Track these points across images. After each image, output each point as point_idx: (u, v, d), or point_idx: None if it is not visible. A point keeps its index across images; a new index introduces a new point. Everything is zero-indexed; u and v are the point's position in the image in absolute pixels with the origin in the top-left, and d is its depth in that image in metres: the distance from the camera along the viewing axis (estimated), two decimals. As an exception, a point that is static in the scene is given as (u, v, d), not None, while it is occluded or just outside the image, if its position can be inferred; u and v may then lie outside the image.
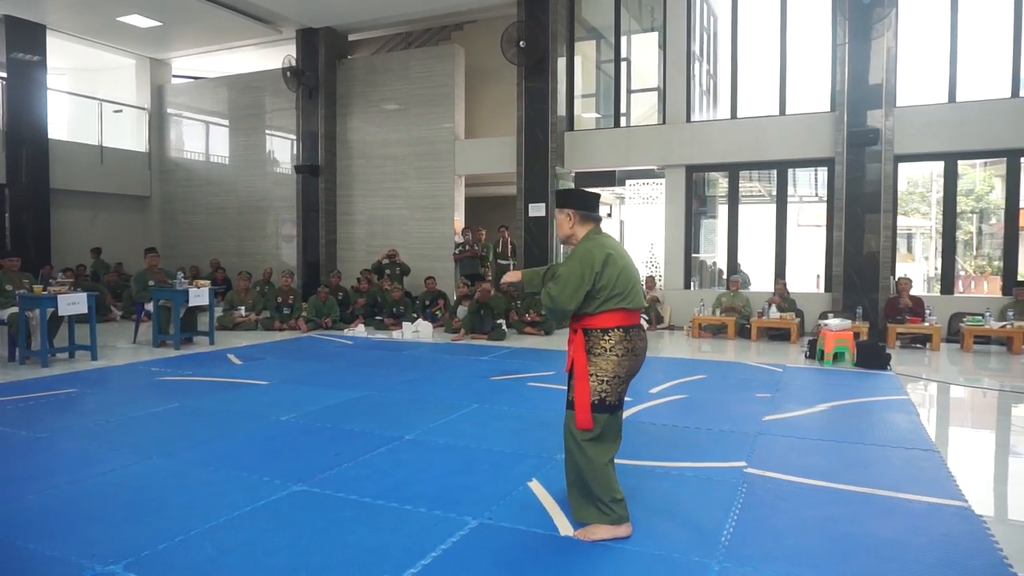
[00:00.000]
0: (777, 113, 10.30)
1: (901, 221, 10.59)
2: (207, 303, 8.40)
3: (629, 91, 12.13)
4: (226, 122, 14.34)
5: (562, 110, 11.48)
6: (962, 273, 14.69)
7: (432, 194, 12.44)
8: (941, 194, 18.49)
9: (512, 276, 3.37)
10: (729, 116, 10.66)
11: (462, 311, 10.09)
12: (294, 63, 12.69)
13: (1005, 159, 9.26)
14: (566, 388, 3.03)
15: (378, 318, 10.61)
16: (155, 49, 14.14)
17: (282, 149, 13.76)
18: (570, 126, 11.74)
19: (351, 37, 13.60)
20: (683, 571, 2.65)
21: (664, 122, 11.03)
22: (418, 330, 9.46)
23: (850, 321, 7.71)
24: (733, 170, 10.82)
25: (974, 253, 20.87)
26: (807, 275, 11.85)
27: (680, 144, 10.79)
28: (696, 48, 11.61)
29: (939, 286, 10.02)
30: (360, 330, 9.74)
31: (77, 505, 3.26)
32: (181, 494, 3.40)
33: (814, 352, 7.67)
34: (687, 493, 3.48)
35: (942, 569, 2.67)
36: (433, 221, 12.45)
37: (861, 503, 3.35)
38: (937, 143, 9.26)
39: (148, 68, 14.65)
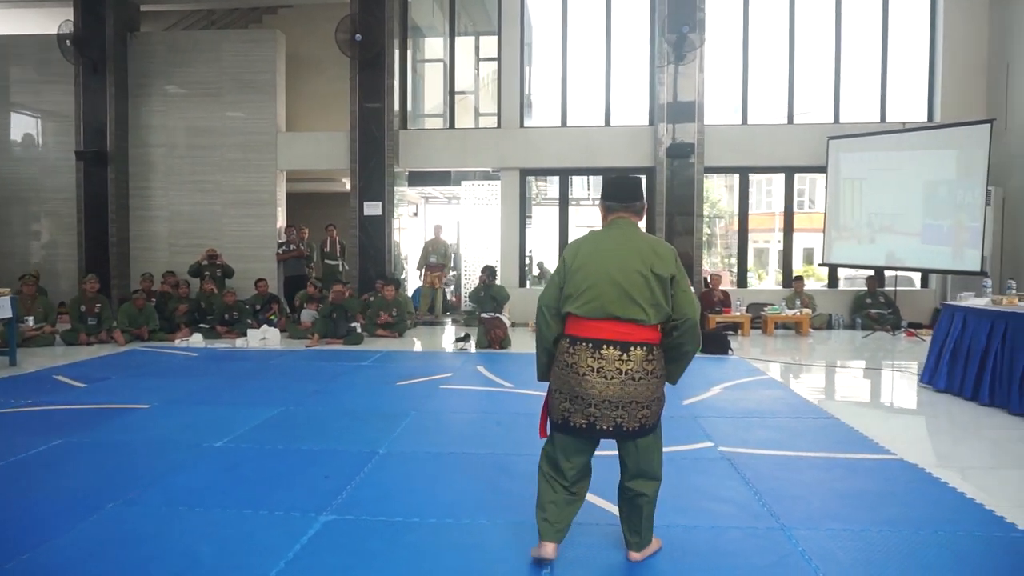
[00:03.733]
0: (603, 124, 11.23)
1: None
2: (10, 315, 6.91)
3: (453, 92, 12.30)
4: (-33, 94, 11.72)
5: (397, 107, 11.30)
6: (707, 269, 17.22)
7: (251, 189, 11.44)
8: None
9: None
10: (560, 124, 11.36)
11: (308, 314, 9.49)
12: (73, 30, 10.80)
13: (783, 174, 11.14)
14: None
15: (203, 326, 9.53)
16: None
17: (54, 131, 11.62)
18: (404, 124, 11.60)
19: (143, 7, 11.94)
20: (767, 539, 2.95)
21: (499, 126, 11.40)
22: (266, 337, 8.70)
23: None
24: (564, 175, 11.56)
25: (719, 251, 24.55)
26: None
27: (515, 148, 11.24)
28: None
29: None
30: (197, 340, 8.69)
31: (78, 570, 2.63)
32: (201, 542, 2.90)
33: (663, 341, 8.56)
34: (694, 473, 3.81)
35: (937, 509, 3.30)
36: (252, 218, 11.46)
37: (830, 466, 3.96)
38: (734, 158, 10.84)
39: None
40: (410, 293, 11.91)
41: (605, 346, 2.49)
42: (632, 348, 2.49)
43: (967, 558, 2.79)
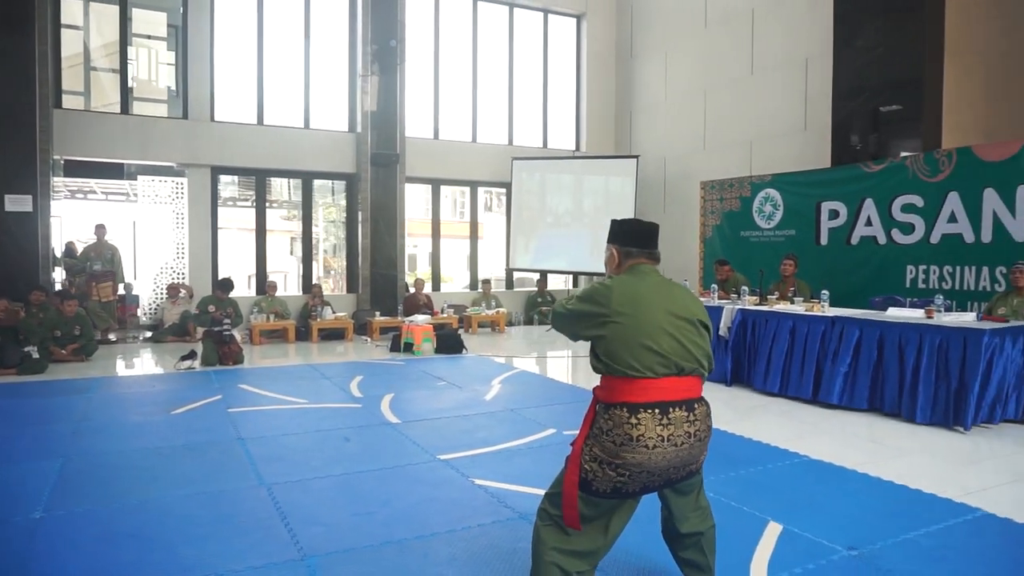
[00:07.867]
0: (303, 126, 10.92)
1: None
2: None
3: (125, 71, 10.55)
4: None
5: (52, 81, 9.24)
6: (333, 272, 17.93)
7: None
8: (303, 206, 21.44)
9: None
10: (256, 121, 10.67)
11: (-48, 341, 7.22)
12: None
13: (470, 187, 12.37)
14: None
15: None
16: None
17: None
18: (58, 102, 9.53)
19: None
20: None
21: (185, 117, 10.20)
22: None
23: (429, 315, 9.23)
24: (261, 176, 10.88)
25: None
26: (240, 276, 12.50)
27: (206, 143, 10.21)
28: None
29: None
30: None
31: None
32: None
33: (398, 345, 8.87)
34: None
35: (850, 486, 4.44)
36: None
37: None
38: (430, 170, 11.67)
39: None
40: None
41: (672, 409, 2.10)
42: (696, 406, 2.16)
43: (912, 517, 3.38)
